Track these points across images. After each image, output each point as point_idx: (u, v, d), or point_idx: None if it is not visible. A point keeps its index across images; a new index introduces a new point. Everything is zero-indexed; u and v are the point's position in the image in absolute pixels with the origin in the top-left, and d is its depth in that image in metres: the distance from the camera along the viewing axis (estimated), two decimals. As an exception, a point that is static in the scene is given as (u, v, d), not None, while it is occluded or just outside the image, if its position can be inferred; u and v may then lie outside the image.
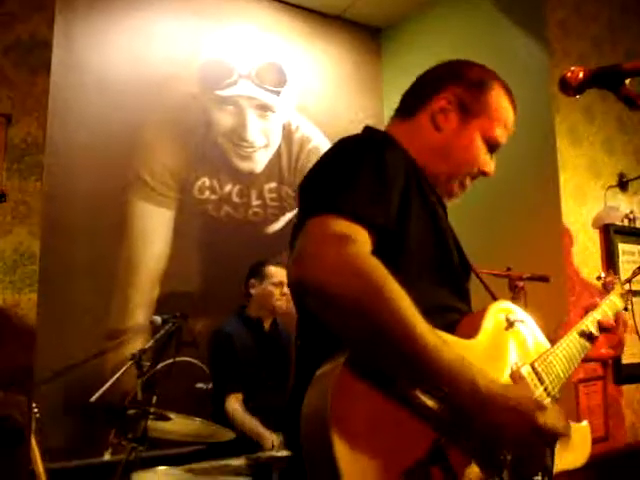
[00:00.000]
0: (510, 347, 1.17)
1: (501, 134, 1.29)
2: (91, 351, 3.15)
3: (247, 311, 3.24)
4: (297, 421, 0.92)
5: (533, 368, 1.17)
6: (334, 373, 0.89)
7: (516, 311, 1.25)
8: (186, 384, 3.17)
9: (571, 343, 1.34)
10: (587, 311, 1.46)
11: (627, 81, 1.09)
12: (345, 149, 1.14)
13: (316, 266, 0.90)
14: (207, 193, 3.75)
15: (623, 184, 3.59)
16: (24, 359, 2.15)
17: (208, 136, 3.79)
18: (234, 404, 2.94)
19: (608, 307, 1.50)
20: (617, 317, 1.47)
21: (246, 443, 2.68)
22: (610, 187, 3.55)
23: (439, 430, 0.93)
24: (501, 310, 1.22)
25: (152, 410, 2.15)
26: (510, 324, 1.20)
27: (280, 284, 3.18)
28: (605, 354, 1.47)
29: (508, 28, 3.58)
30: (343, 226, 0.96)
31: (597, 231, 3.44)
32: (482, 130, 1.26)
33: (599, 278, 1.69)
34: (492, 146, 1.29)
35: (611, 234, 3.46)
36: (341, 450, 0.82)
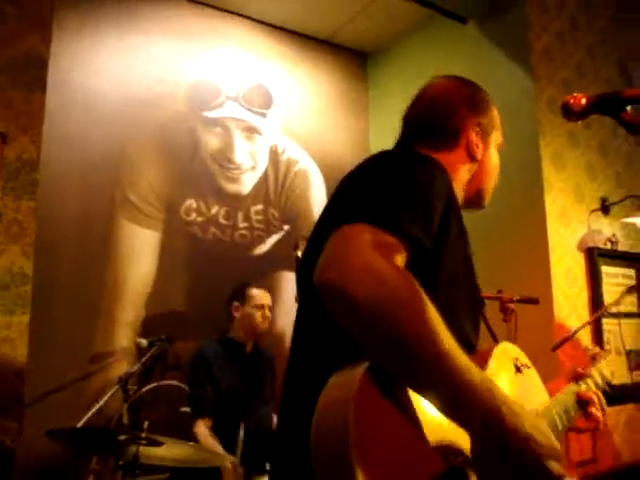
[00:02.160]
0: (515, 391, 1.16)
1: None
2: (77, 374, 3.09)
3: (229, 334, 3.17)
4: (295, 429, 0.88)
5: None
6: (354, 382, 0.85)
7: (523, 356, 1.24)
8: (171, 407, 3.12)
9: (567, 402, 1.35)
10: (576, 378, 1.46)
11: (628, 108, 1.12)
12: (397, 161, 1.14)
13: (342, 270, 0.88)
14: (194, 215, 3.73)
15: (605, 208, 3.66)
16: (15, 384, 2.09)
17: (195, 157, 3.79)
18: (202, 428, 2.89)
19: (595, 380, 1.49)
20: (596, 396, 1.45)
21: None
22: (593, 211, 3.61)
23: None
24: (509, 353, 1.22)
25: (144, 435, 2.09)
26: (518, 369, 1.20)
27: (262, 307, 3.14)
28: (584, 427, 1.45)
29: (493, 54, 3.65)
30: (376, 235, 0.94)
31: (582, 254, 3.49)
32: (496, 142, 1.39)
33: (587, 349, 1.70)
34: (499, 150, 1.41)
35: (595, 257, 3.52)
36: (360, 462, 0.80)
